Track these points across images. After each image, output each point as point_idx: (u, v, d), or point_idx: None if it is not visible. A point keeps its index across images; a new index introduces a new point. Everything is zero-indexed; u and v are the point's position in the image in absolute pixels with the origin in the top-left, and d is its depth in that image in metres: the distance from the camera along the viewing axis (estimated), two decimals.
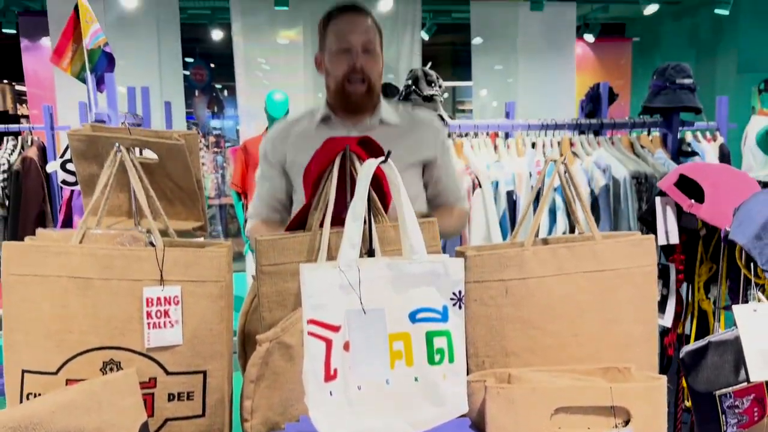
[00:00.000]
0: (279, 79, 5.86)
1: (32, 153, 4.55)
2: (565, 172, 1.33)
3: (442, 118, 2.79)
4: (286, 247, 1.29)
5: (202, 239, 1.37)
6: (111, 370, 1.14)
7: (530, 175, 2.75)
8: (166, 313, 1.14)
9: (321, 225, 1.24)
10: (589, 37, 6.88)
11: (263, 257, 1.27)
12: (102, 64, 2.59)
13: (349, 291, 0.96)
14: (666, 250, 1.49)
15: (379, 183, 1.32)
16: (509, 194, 2.70)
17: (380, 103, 1.72)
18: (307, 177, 1.37)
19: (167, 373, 1.15)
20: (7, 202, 4.55)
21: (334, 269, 0.96)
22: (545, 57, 6.27)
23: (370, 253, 1.13)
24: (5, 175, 4.50)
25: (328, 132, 1.60)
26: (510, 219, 2.71)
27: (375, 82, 1.64)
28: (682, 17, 7.21)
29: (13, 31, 5.97)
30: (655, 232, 1.47)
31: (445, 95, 9.61)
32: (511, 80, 6.35)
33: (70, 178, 2.55)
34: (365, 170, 1.00)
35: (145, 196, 1.16)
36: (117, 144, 1.13)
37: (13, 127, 4.71)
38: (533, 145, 2.93)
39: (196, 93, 10.71)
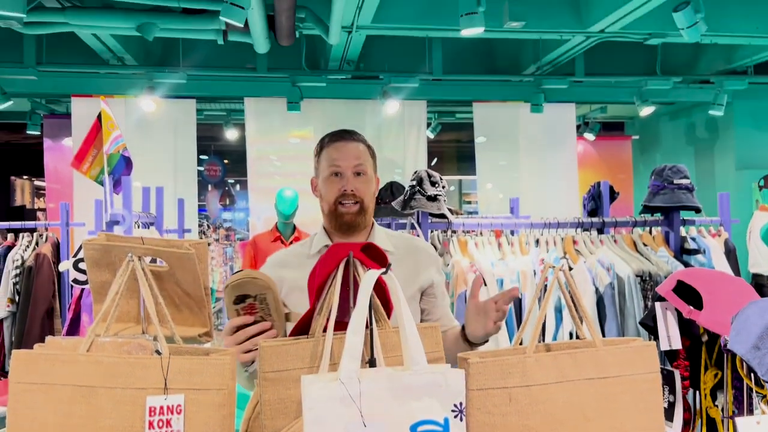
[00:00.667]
0: (289, 176, 6.05)
1: (46, 249, 4.64)
2: (565, 282, 1.35)
3: (445, 216, 2.86)
4: (288, 353, 1.30)
5: (208, 345, 1.39)
6: None
7: (534, 274, 2.77)
8: (168, 423, 1.14)
9: (324, 330, 1.27)
10: (590, 136, 7.12)
11: (266, 363, 1.28)
12: (120, 168, 2.71)
13: (349, 404, 0.97)
14: (670, 355, 1.49)
15: (382, 289, 1.35)
16: None
17: (374, 228, 1.79)
18: (311, 282, 1.41)
19: None
20: (17, 298, 4.59)
21: (335, 382, 0.98)
22: (547, 154, 6.47)
23: (372, 362, 1.14)
24: (18, 271, 4.57)
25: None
26: (516, 318, 2.70)
27: (368, 203, 1.71)
28: (679, 117, 7.48)
29: (38, 132, 6.27)
30: (657, 336, 1.48)
31: (452, 188, 9.84)
32: (515, 175, 6.52)
33: (82, 277, 2.60)
34: (366, 282, 1.04)
35: (154, 303, 1.19)
36: (130, 254, 1.18)
37: (29, 223, 4.85)
38: (537, 243, 2.97)
39: (209, 187, 11.00)
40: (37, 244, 4.69)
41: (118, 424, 1.13)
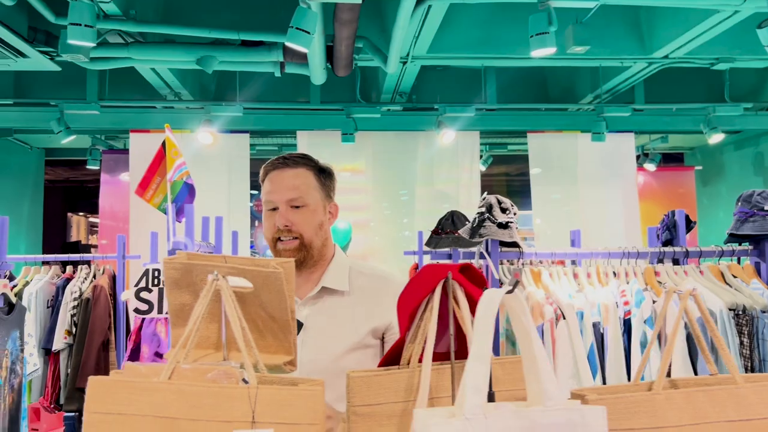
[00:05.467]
0: (341, 209, 5.98)
1: (103, 281, 4.66)
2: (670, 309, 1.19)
3: (518, 245, 2.70)
4: (381, 385, 1.17)
5: (292, 375, 1.27)
6: None
7: (617, 306, 2.57)
8: None
9: (420, 360, 1.13)
10: (650, 166, 6.86)
11: (355, 396, 1.15)
12: (183, 195, 2.67)
13: None
14: None
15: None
16: (595, 326, 2.52)
17: (333, 263, 1.60)
18: (402, 308, 1.28)
19: None
20: (74, 330, 4.60)
21: (459, 418, 0.84)
22: (606, 186, 6.25)
23: (490, 397, 1.00)
24: (76, 303, 4.59)
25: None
26: (598, 353, 2.50)
27: (310, 238, 1.54)
28: (745, 146, 7.16)
29: (97, 167, 6.42)
30: None
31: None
32: (572, 208, 6.30)
33: (143, 307, 2.54)
34: (488, 304, 0.91)
35: (241, 327, 1.08)
36: (215, 273, 1.08)
37: (87, 256, 4.89)
38: (614, 274, 2.77)
39: (256, 223, 11.09)
40: (94, 276, 4.71)
41: None
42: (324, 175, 1.61)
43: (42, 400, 4.51)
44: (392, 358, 1.22)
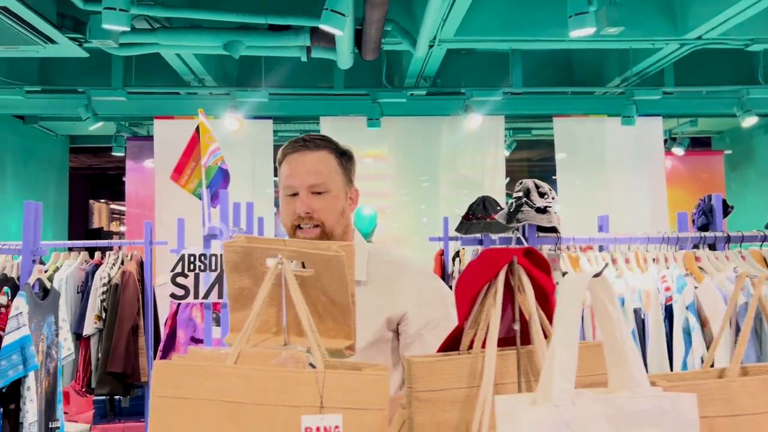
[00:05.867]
0: (364, 195, 5.96)
1: (131, 267, 4.69)
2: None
3: (557, 230, 2.66)
4: (443, 370, 1.14)
5: (352, 359, 1.25)
6: None
7: (657, 292, 2.53)
8: None
9: (483, 346, 1.11)
10: (679, 150, 6.74)
11: (417, 381, 1.13)
12: (217, 181, 2.66)
13: (563, 430, 0.80)
14: None
15: (546, 299, 1.19)
16: (636, 312, 2.48)
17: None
18: (462, 293, 1.25)
19: None
20: (104, 315, 4.64)
21: (543, 404, 0.81)
22: (633, 170, 6.15)
23: None
24: (105, 288, 4.63)
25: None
26: (639, 339, 2.46)
27: (331, 226, 1.45)
28: None
29: (122, 154, 6.45)
30: None
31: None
32: (598, 194, 6.21)
33: (179, 292, 2.54)
34: (574, 288, 0.87)
35: (306, 311, 1.06)
36: (280, 256, 1.06)
37: (115, 242, 4.94)
38: (654, 260, 2.73)
39: (276, 210, 11.10)
40: (122, 262, 4.75)
41: None
42: (345, 158, 1.53)
43: (74, 384, 4.58)
44: (450, 344, 1.20)
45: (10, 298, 3.08)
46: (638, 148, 6.14)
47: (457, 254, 4.89)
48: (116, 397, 4.92)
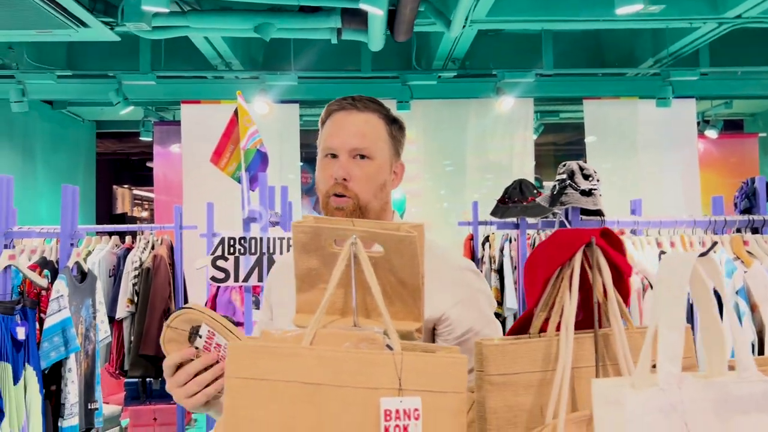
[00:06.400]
0: None
1: (162, 251, 4.72)
2: None
3: (602, 213, 2.61)
4: (517, 353, 1.12)
5: (419, 341, 1.23)
6: None
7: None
8: (405, 429, 0.98)
9: (557, 329, 1.08)
10: (712, 133, 6.59)
11: (490, 364, 1.10)
12: (256, 164, 2.65)
13: (670, 415, 0.77)
14: None
15: (621, 280, 1.15)
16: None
17: None
18: (533, 275, 1.22)
19: None
20: (136, 299, 4.69)
21: (647, 388, 0.78)
22: (665, 153, 6.04)
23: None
24: (137, 272, 4.67)
25: None
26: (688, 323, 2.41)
27: (367, 202, 1.28)
28: None
29: (150, 139, 6.48)
30: None
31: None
32: (629, 177, 6.11)
33: (219, 275, 2.54)
34: (679, 267, 0.84)
35: (380, 292, 1.04)
36: (354, 237, 1.04)
37: (145, 226, 4.97)
38: (701, 244, 2.67)
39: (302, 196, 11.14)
40: (153, 246, 4.78)
41: (351, 428, 0.98)
42: (396, 126, 1.36)
43: (107, 366, 4.64)
44: (519, 328, 1.17)
45: (50, 281, 3.11)
46: (670, 130, 6.02)
47: (486, 239, 4.84)
48: (148, 379, 4.99)
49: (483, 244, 4.82)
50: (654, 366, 0.96)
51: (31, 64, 4.99)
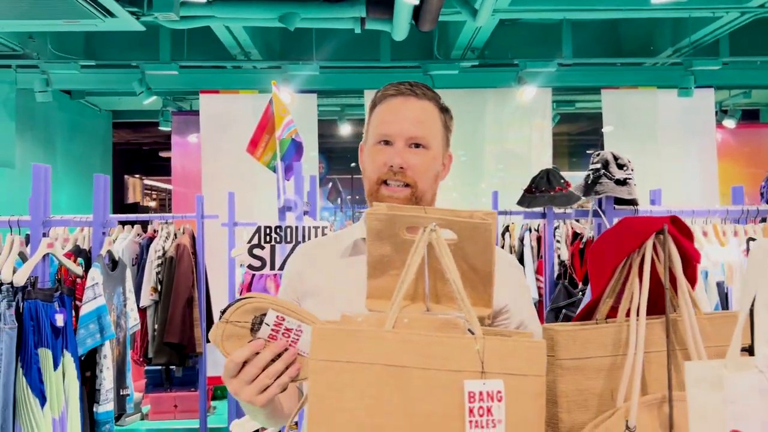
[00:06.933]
0: None
1: (185, 240, 4.76)
2: None
3: (636, 202, 2.63)
4: (588, 339, 1.15)
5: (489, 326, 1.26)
6: None
7: (741, 265, 2.49)
8: (488, 411, 1.01)
9: (627, 315, 1.11)
10: (730, 123, 6.58)
11: (561, 350, 1.13)
12: (290, 153, 2.67)
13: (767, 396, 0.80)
14: None
15: (689, 266, 1.18)
16: (719, 285, 2.45)
17: None
18: (601, 262, 1.24)
19: None
20: (159, 287, 4.73)
21: (744, 371, 0.81)
22: (683, 144, 6.03)
23: (750, 350, 0.97)
24: (160, 261, 4.72)
25: (353, 263, 1.29)
26: None
27: (423, 190, 1.26)
28: None
29: (169, 129, 6.50)
30: None
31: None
32: (646, 167, 6.10)
33: (256, 263, 2.57)
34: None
35: (457, 278, 1.06)
36: (434, 224, 1.06)
37: (168, 215, 5.00)
38: (734, 233, 2.68)
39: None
40: (175, 236, 4.82)
41: (436, 410, 1.01)
42: (448, 116, 1.34)
43: (132, 354, 4.69)
44: (585, 315, 1.20)
45: (84, 269, 3.15)
46: (689, 120, 6.01)
47: (506, 228, 4.86)
48: (171, 367, 5.04)
49: (503, 234, 4.84)
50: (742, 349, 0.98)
51: (54, 54, 5.02)
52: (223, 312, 1.06)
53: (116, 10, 3.71)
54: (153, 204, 15.27)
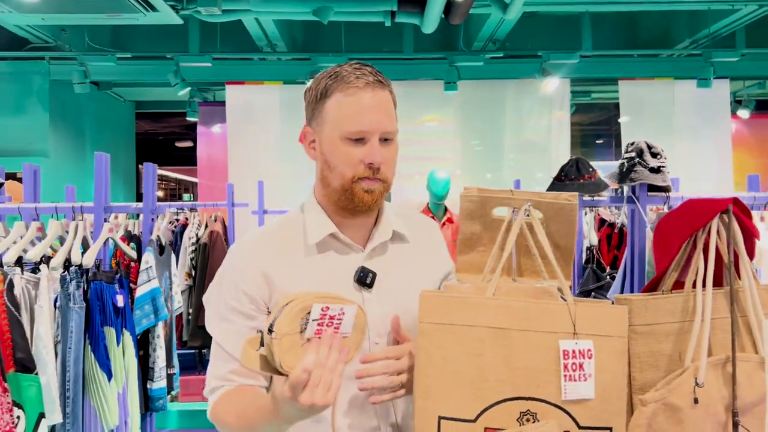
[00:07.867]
0: (427, 160, 6.06)
1: (218, 227, 4.93)
2: None
3: (670, 189, 2.77)
4: (659, 307, 1.31)
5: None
6: (527, 420, 1.16)
7: None
8: (581, 366, 1.17)
9: (694, 286, 1.26)
10: (744, 113, 6.69)
11: (636, 316, 1.30)
12: None
13: None
14: None
15: (750, 241, 1.33)
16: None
17: (384, 209, 1.31)
18: (666, 240, 1.39)
19: (579, 427, 1.16)
20: (193, 272, 4.90)
21: None
22: (698, 134, 6.15)
23: None
24: (194, 247, 4.88)
25: (324, 260, 1.25)
26: None
27: (390, 183, 1.25)
28: None
29: (196, 119, 6.63)
30: None
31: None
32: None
33: None
34: None
35: (550, 254, 1.22)
36: (529, 204, 1.21)
37: (199, 204, 5.16)
38: (761, 219, 2.82)
39: None
40: (206, 225, 4.98)
41: (534, 366, 1.16)
42: (395, 105, 1.27)
43: None
44: (651, 288, 1.36)
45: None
46: (704, 111, 6.12)
47: None
48: (203, 350, 5.22)
49: None
50: None
51: (91, 46, 5.14)
52: (270, 329, 0.98)
53: (158, 4, 3.84)
54: (160, 194, 15.40)
